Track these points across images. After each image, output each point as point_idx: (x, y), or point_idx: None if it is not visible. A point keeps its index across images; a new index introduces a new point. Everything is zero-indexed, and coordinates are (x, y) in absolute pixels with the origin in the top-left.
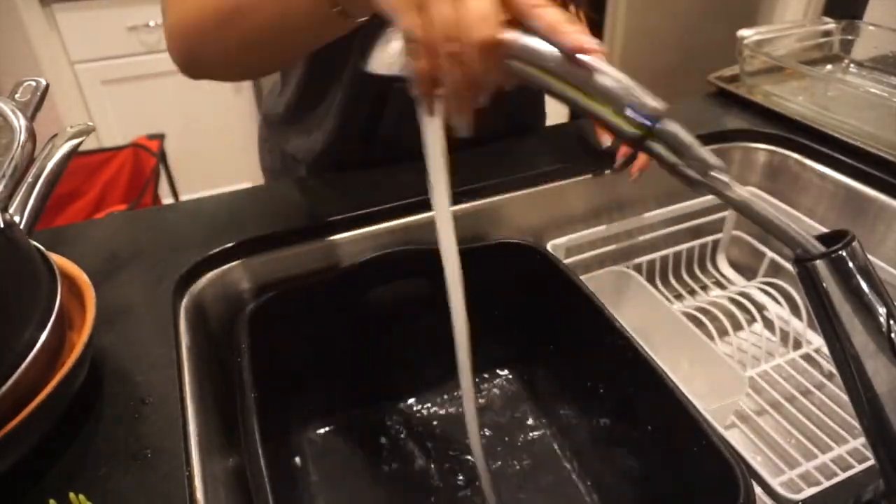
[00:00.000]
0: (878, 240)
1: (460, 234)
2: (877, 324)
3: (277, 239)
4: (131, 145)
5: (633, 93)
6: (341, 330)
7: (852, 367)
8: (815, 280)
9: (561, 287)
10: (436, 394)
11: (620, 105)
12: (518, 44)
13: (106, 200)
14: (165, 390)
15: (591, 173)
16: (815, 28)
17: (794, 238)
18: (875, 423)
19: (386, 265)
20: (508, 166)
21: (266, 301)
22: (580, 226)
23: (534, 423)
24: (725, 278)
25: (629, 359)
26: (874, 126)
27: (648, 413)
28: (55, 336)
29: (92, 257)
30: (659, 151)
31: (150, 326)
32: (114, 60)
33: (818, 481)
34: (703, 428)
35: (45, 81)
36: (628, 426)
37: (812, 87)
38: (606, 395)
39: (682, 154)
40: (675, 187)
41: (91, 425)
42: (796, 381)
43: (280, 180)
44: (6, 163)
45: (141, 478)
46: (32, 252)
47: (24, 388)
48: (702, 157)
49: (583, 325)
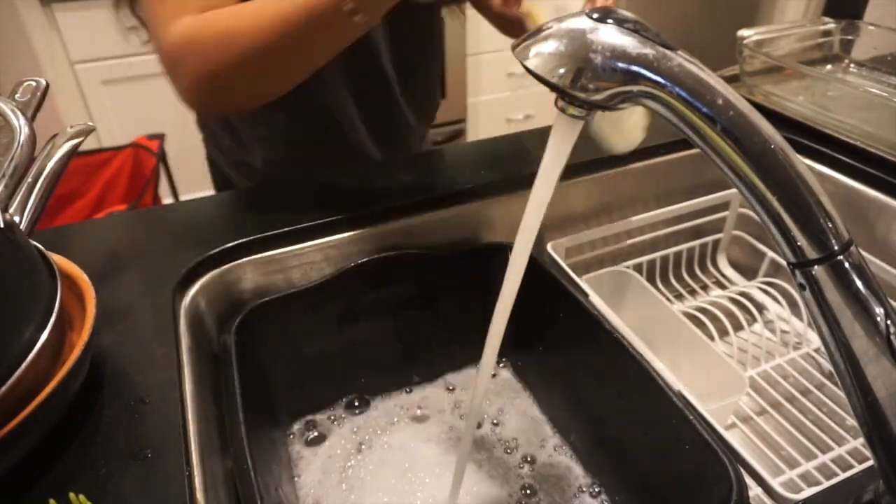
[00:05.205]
0: (878, 240)
1: (459, 235)
2: (876, 327)
3: (277, 239)
4: (131, 145)
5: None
6: (329, 334)
7: (852, 371)
8: (814, 286)
9: (549, 287)
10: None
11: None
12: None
13: (106, 200)
14: (165, 390)
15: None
16: (815, 28)
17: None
18: (876, 428)
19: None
20: (507, 166)
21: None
22: (580, 226)
23: (522, 417)
24: (726, 278)
25: (616, 355)
26: (874, 126)
27: (639, 410)
28: (55, 336)
29: (92, 257)
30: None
31: (150, 326)
32: (114, 60)
33: (818, 481)
34: (695, 425)
35: (46, 81)
36: (620, 423)
37: (812, 87)
38: (596, 391)
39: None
40: (676, 187)
41: (91, 425)
42: (796, 381)
43: (280, 180)
44: (6, 163)
45: (141, 478)
46: (32, 252)
47: (24, 388)
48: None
49: (570, 324)
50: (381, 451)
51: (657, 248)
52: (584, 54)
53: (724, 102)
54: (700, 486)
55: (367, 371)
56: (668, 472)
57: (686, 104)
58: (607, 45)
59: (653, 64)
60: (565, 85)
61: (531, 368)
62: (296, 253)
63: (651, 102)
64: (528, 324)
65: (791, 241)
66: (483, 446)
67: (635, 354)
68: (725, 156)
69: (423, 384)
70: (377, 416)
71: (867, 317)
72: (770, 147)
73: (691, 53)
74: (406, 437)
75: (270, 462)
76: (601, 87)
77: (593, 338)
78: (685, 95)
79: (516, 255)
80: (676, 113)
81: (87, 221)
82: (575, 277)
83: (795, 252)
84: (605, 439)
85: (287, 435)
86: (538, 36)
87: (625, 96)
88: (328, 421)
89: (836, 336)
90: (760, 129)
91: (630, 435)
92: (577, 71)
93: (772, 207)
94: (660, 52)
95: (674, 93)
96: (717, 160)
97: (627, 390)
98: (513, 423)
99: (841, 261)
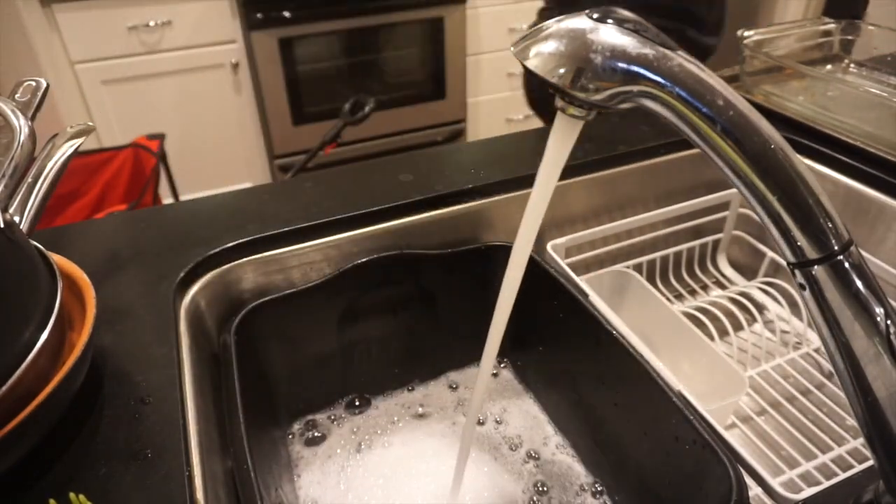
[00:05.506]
0: (878, 240)
1: (458, 235)
2: (876, 327)
3: (277, 239)
4: (131, 145)
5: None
6: (329, 334)
7: (852, 371)
8: (814, 286)
9: (549, 287)
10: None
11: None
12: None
13: (106, 200)
14: (165, 390)
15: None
16: (815, 28)
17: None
18: (876, 428)
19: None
20: (507, 166)
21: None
22: (580, 226)
23: (524, 416)
24: (725, 278)
25: (616, 355)
26: (874, 126)
27: (639, 410)
28: (55, 336)
29: (92, 257)
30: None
31: (150, 326)
32: (114, 60)
33: (818, 481)
34: (695, 425)
35: (46, 81)
36: (619, 423)
37: (812, 87)
38: (596, 391)
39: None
40: (676, 187)
41: (91, 425)
42: (796, 381)
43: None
44: (6, 163)
45: (141, 478)
46: (32, 252)
47: (24, 388)
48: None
49: (570, 324)
50: (382, 450)
51: (657, 248)
52: (584, 54)
53: (724, 102)
54: (700, 486)
55: (368, 371)
56: (668, 471)
57: (686, 104)
58: (607, 45)
59: (653, 64)
60: (565, 85)
61: (531, 368)
62: (296, 253)
63: (651, 102)
64: (528, 324)
65: (791, 241)
66: (488, 443)
67: (635, 354)
68: (725, 156)
69: (426, 382)
70: (378, 415)
71: (867, 317)
72: (770, 147)
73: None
74: (408, 435)
75: (270, 462)
76: (601, 87)
77: (593, 338)
78: (685, 95)
79: (516, 254)
80: (676, 113)
81: (87, 221)
82: (575, 277)
83: (795, 252)
84: (604, 439)
85: (287, 435)
86: (538, 36)
87: (625, 96)
88: (328, 421)
89: (836, 336)
90: (760, 129)
91: (630, 435)
92: (577, 71)
93: (772, 207)
94: (660, 52)
95: (674, 93)
96: (717, 160)
97: (627, 390)
98: (516, 422)
99: (841, 261)
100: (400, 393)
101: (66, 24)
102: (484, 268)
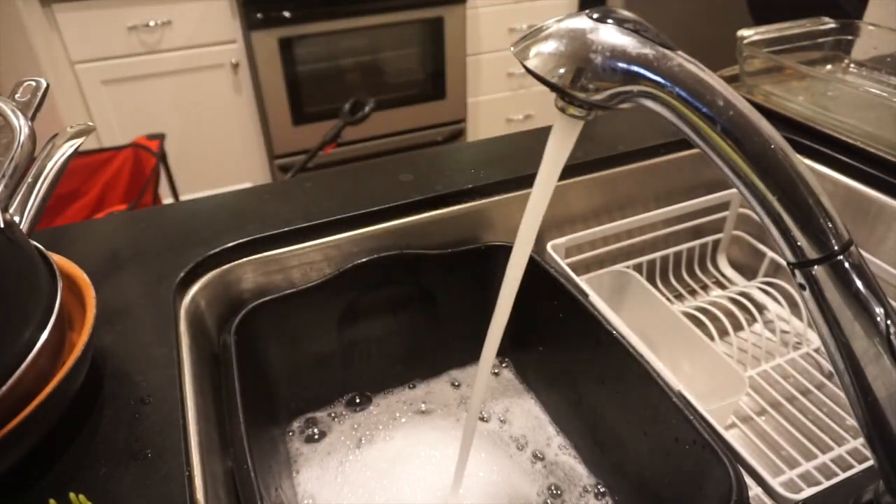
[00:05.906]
0: (878, 240)
1: (458, 235)
2: (876, 327)
3: (277, 239)
4: (131, 145)
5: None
6: (329, 334)
7: (852, 371)
8: (814, 286)
9: (549, 287)
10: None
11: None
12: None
13: (106, 200)
14: (165, 390)
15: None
16: (815, 28)
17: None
18: (876, 428)
19: (373, 270)
20: (507, 166)
21: (249, 312)
22: (580, 226)
23: (526, 416)
24: (725, 278)
25: (616, 355)
26: (874, 126)
27: (639, 410)
28: (55, 336)
29: (92, 257)
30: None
31: (150, 326)
32: (114, 60)
33: (818, 481)
34: (695, 425)
35: (46, 81)
36: (619, 423)
37: (812, 87)
38: (596, 391)
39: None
40: (676, 187)
41: (91, 425)
42: (796, 381)
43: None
44: (6, 163)
45: (141, 478)
46: (32, 252)
47: (24, 388)
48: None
49: (570, 324)
50: (383, 444)
51: (657, 248)
52: (583, 54)
53: (724, 102)
54: (700, 486)
55: (368, 370)
56: (668, 472)
57: (686, 104)
58: (607, 44)
59: (653, 64)
60: (565, 85)
61: (531, 368)
62: (296, 253)
63: (651, 102)
64: (528, 323)
65: (791, 241)
66: (495, 442)
67: (635, 354)
68: (725, 156)
69: (428, 380)
70: (379, 412)
71: (867, 317)
72: (770, 147)
73: (691, 53)
74: (410, 430)
75: (270, 460)
76: (601, 87)
77: (593, 338)
78: (685, 95)
79: (516, 254)
80: (676, 113)
81: (87, 221)
82: (575, 277)
83: (795, 252)
84: (605, 439)
85: (286, 432)
86: (538, 36)
87: (625, 96)
88: (329, 418)
89: (836, 336)
90: (760, 129)
91: (630, 435)
92: (577, 71)
93: (772, 207)
94: (659, 52)
95: (674, 93)
96: (717, 160)
97: (627, 390)
98: (519, 422)
99: (841, 261)
100: (401, 391)
101: (66, 23)
102: (484, 268)
